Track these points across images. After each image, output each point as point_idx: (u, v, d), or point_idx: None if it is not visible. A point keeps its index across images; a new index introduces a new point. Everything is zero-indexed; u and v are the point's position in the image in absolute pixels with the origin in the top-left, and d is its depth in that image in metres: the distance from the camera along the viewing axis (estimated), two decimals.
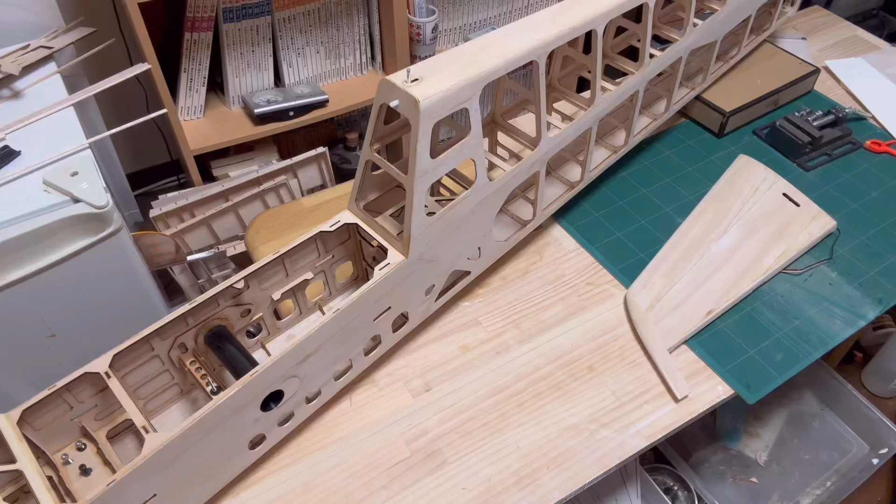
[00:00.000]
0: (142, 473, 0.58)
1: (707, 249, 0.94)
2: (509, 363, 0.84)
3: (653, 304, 0.88)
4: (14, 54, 1.15)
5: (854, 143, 1.16)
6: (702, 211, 1.00)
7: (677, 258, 0.94)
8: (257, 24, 1.45)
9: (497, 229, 0.93)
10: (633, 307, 0.88)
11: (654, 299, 0.89)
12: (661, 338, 0.84)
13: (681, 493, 1.21)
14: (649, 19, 0.93)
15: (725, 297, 0.89)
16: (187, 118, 1.50)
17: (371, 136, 0.74)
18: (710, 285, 0.90)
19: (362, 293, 0.70)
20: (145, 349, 0.68)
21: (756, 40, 1.29)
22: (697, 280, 0.91)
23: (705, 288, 0.90)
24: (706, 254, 0.94)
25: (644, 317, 0.87)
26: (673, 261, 0.93)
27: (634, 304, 0.88)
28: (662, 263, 0.93)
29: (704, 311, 0.88)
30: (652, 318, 0.87)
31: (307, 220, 1.04)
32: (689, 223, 0.99)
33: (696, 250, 0.94)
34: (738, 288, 0.90)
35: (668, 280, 0.91)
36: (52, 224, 0.89)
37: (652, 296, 0.89)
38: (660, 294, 0.89)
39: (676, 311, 0.87)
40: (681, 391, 0.80)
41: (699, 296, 0.89)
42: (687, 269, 0.92)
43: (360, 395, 0.80)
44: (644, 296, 0.89)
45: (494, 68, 0.71)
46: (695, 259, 0.93)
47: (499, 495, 0.72)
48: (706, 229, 0.97)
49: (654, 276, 0.92)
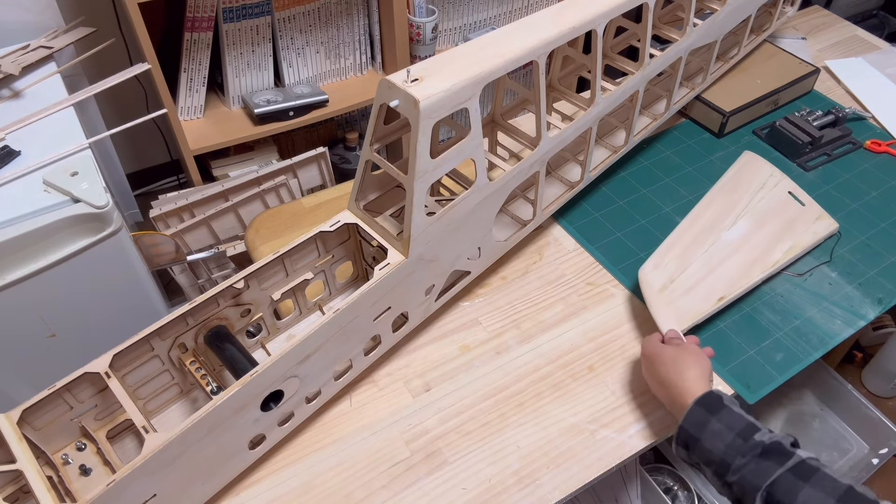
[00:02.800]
0: (142, 473, 0.58)
1: (717, 237, 0.94)
2: (509, 363, 0.84)
3: (665, 285, 0.87)
4: (14, 54, 1.15)
5: (854, 143, 1.16)
6: (710, 201, 1.00)
7: (689, 242, 0.93)
8: (257, 24, 1.45)
9: (497, 229, 0.93)
10: (645, 286, 0.87)
11: (668, 280, 0.88)
12: (674, 320, 0.84)
13: (681, 493, 1.20)
14: (649, 19, 0.93)
15: (737, 285, 0.89)
16: (187, 118, 1.50)
17: (371, 136, 0.74)
18: (721, 272, 0.90)
19: (362, 293, 0.70)
20: (145, 349, 0.68)
21: (756, 40, 1.29)
22: (710, 265, 0.90)
23: (717, 273, 0.90)
24: (717, 241, 0.93)
25: (657, 297, 0.86)
26: (685, 244, 0.93)
27: (647, 284, 0.87)
28: (675, 246, 0.93)
29: (717, 296, 0.87)
30: (665, 298, 0.86)
31: (307, 220, 1.04)
32: (697, 211, 0.98)
33: (708, 237, 0.94)
34: (749, 277, 0.90)
35: (680, 263, 0.90)
36: (52, 224, 0.89)
37: (665, 276, 0.88)
38: (673, 276, 0.89)
39: (689, 294, 0.87)
40: None
41: (711, 280, 0.89)
42: (699, 253, 0.92)
43: (360, 395, 0.80)
44: (657, 275, 0.88)
45: (494, 68, 0.71)
46: (706, 245, 0.93)
47: (499, 495, 0.72)
48: (716, 218, 0.97)
49: (667, 258, 0.91)
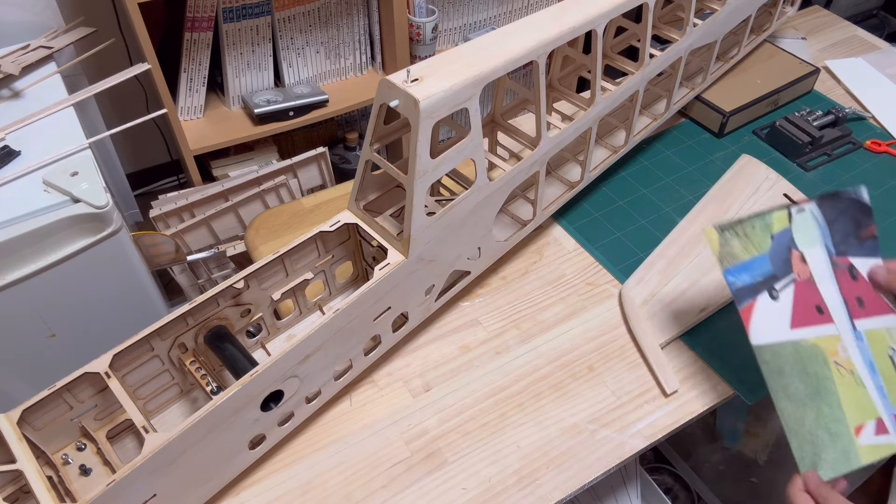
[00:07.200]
0: (142, 473, 0.58)
1: (704, 248, 0.94)
2: (509, 363, 0.84)
3: (647, 300, 0.88)
4: (14, 54, 1.15)
5: (854, 143, 1.16)
6: (700, 210, 1.00)
7: (674, 255, 0.94)
8: (257, 24, 1.45)
9: (497, 229, 0.93)
10: (627, 302, 0.88)
11: (650, 295, 0.89)
12: (652, 333, 0.85)
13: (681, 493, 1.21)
14: (649, 19, 0.93)
15: (719, 295, 0.89)
16: (187, 118, 1.50)
17: (371, 136, 0.74)
18: (705, 282, 0.90)
19: (362, 293, 0.70)
20: (145, 349, 0.68)
21: (756, 40, 1.29)
22: (693, 277, 0.91)
23: (700, 285, 0.90)
24: (703, 252, 0.94)
25: (637, 312, 0.87)
26: (669, 258, 0.93)
27: (629, 300, 0.88)
28: (659, 260, 0.93)
29: (698, 308, 0.88)
30: (645, 313, 0.87)
31: (307, 220, 1.04)
32: (687, 221, 0.99)
33: (694, 248, 0.94)
34: None
35: (663, 277, 0.91)
36: (52, 224, 0.89)
37: (647, 291, 0.89)
38: (654, 290, 0.89)
39: (670, 307, 0.88)
40: (670, 385, 0.80)
41: (693, 293, 0.89)
42: (683, 266, 0.92)
43: (360, 395, 0.80)
44: (639, 291, 0.89)
45: (494, 68, 0.71)
46: (692, 256, 0.93)
47: (499, 495, 0.72)
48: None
49: (650, 273, 0.91)
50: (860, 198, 0.77)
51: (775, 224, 0.74)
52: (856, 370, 0.70)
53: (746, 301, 0.70)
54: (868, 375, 0.70)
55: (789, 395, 0.68)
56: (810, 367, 0.69)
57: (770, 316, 0.70)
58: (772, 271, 0.72)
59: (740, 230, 0.72)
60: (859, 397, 0.68)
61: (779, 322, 0.70)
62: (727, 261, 0.71)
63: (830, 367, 0.69)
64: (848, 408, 0.68)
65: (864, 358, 0.71)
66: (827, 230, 0.75)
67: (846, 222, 0.76)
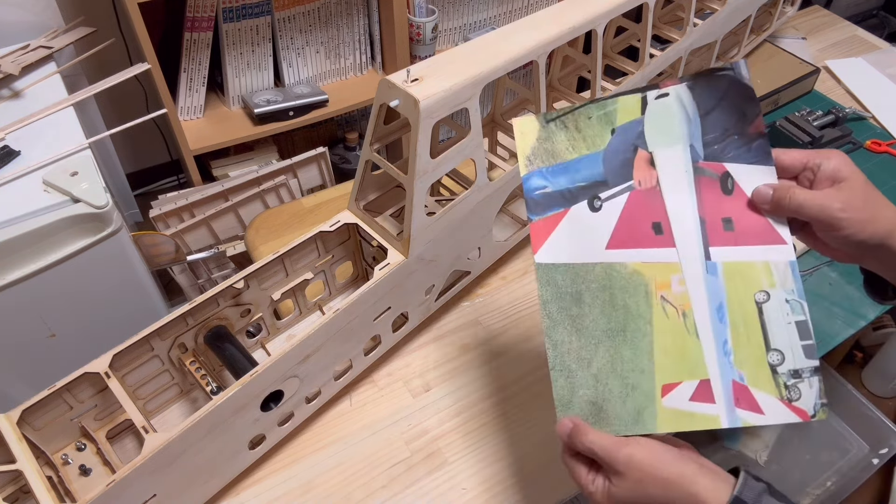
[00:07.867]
0: (142, 473, 0.58)
1: None
2: (509, 363, 0.84)
3: None
4: (14, 54, 1.15)
5: (854, 143, 1.16)
6: None
7: None
8: (257, 24, 1.45)
9: (497, 229, 0.93)
10: None
11: None
12: None
13: None
14: (649, 19, 0.93)
15: None
16: (187, 118, 1.50)
17: (371, 136, 0.74)
18: None
19: (362, 293, 0.70)
20: (145, 349, 0.68)
21: (756, 40, 1.29)
22: None
23: None
24: None
25: None
26: None
27: None
28: None
29: None
30: None
31: (307, 220, 1.04)
32: None
33: None
34: None
35: None
36: (52, 224, 0.89)
37: None
38: None
39: None
40: None
41: None
42: None
43: (360, 395, 0.80)
44: None
45: (494, 68, 0.71)
46: None
47: (498, 495, 0.72)
48: None
49: None
50: (740, 76, 0.56)
51: (620, 114, 0.57)
52: (690, 312, 0.53)
53: (551, 211, 0.56)
54: (708, 323, 0.53)
55: (578, 328, 0.54)
56: (621, 299, 0.54)
57: (581, 231, 0.55)
58: (601, 176, 0.56)
59: (571, 121, 0.58)
60: (685, 349, 0.53)
61: (592, 239, 0.55)
62: (539, 160, 0.57)
63: (652, 302, 0.54)
64: (661, 358, 0.53)
65: (710, 298, 0.53)
66: (698, 123, 0.56)
67: (726, 113, 0.56)
